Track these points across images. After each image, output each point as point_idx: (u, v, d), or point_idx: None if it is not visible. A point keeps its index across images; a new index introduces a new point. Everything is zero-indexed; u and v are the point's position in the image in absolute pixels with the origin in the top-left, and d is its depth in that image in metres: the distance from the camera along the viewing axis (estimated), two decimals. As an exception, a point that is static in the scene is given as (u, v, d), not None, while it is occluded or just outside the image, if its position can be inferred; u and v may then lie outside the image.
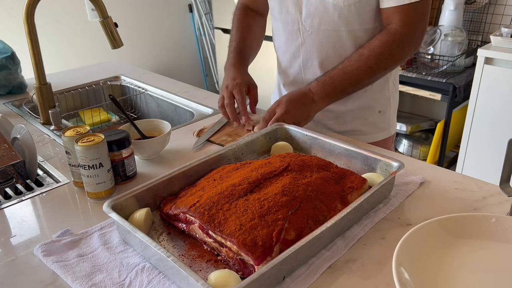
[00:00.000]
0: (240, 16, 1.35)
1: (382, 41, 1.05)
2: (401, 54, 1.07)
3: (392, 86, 1.24)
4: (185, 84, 1.62)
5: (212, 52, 3.73)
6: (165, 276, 0.68)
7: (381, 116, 1.24)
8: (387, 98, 1.24)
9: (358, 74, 1.06)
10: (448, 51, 2.40)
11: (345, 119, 1.23)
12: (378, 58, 1.05)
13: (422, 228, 0.69)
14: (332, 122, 1.24)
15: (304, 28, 1.14)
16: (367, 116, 1.23)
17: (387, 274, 0.67)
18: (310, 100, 1.07)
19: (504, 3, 2.48)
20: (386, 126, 1.27)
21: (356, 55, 1.07)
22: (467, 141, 2.37)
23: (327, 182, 0.79)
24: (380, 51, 1.05)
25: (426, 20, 1.07)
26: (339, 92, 1.09)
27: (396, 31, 1.04)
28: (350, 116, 1.22)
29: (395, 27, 1.04)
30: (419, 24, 1.06)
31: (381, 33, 1.06)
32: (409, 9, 1.02)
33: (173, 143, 1.11)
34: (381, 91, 1.22)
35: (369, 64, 1.06)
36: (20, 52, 1.57)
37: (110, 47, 1.27)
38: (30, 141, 1.00)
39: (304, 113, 1.07)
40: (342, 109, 1.21)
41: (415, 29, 1.05)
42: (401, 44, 1.05)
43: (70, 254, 0.73)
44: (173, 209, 0.77)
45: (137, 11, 3.34)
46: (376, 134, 1.26)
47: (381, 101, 1.23)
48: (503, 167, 0.74)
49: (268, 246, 0.65)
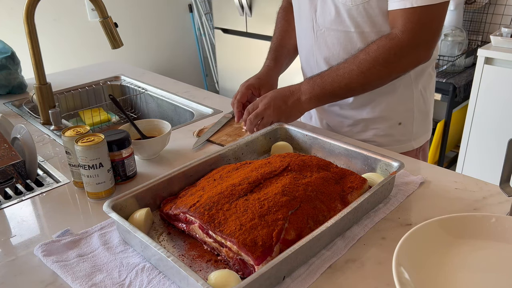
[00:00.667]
0: (282, 14, 1.33)
1: (378, 46, 0.97)
2: (398, 62, 0.98)
3: (418, 97, 1.14)
4: (185, 84, 1.62)
5: (212, 52, 3.73)
6: (165, 276, 0.68)
7: (401, 129, 1.15)
8: (410, 110, 1.14)
9: (349, 77, 1.00)
10: (448, 51, 2.40)
11: (360, 128, 1.17)
12: (371, 63, 0.97)
13: (422, 228, 0.69)
14: (346, 130, 1.19)
15: (317, 26, 1.11)
16: (384, 127, 1.15)
17: (387, 274, 0.67)
18: (296, 99, 1.04)
19: (504, 3, 2.48)
20: (407, 139, 1.17)
21: (352, 57, 1.01)
22: (467, 141, 2.37)
23: (327, 182, 0.79)
24: (375, 56, 0.97)
25: (433, 30, 0.96)
26: (328, 94, 1.03)
27: (395, 36, 0.95)
28: (366, 125, 1.16)
29: (396, 32, 0.96)
30: (422, 33, 0.95)
31: (381, 37, 0.98)
32: (412, 13, 0.93)
33: (173, 143, 1.11)
34: (402, 102, 1.13)
35: (361, 69, 0.98)
36: (20, 52, 1.57)
37: (110, 47, 1.27)
38: (30, 141, 1.00)
39: (286, 112, 1.05)
40: (358, 117, 1.16)
41: (416, 37, 0.95)
42: (398, 51, 0.96)
43: (70, 254, 0.73)
44: (173, 209, 0.77)
45: (137, 11, 3.34)
46: (395, 146, 1.16)
47: (403, 112, 1.14)
48: (503, 167, 0.74)
49: (268, 246, 0.65)
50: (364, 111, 1.15)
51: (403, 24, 0.95)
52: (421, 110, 1.17)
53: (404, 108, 1.14)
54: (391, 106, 1.13)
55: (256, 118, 1.05)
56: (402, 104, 1.14)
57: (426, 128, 1.22)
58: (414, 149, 1.19)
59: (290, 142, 1.03)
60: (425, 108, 1.18)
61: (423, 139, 1.21)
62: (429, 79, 1.16)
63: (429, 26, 0.95)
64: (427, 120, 1.21)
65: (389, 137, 1.17)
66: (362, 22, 1.03)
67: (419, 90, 1.14)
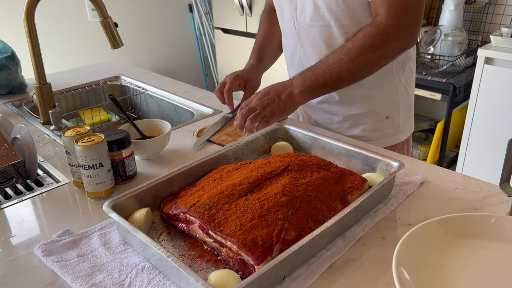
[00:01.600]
0: (265, 17, 1.37)
1: (364, 33, 0.99)
2: (385, 47, 1.00)
3: (402, 91, 1.19)
4: (185, 84, 1.62)
5: (212, 52, 3.73)
6: (165, 276, 0.68)
7: (389, 122, 1.20)
8: (396, 104, 1.19)
9: (339, 67, 1.01)
10: (448, 51, 2.40)
11: (350, 124, 1.20)
12: (359, 51, 0.99)
13: (422, 228, 0.69)
14: (336, 126, 1.22)
15: (299, 25, 1.14)
16: (373, 121, 1.19)
17: (387, 274, 0.67)
18: (289, 93, 1.05)
19: (504, 3, 2.48)
20: (394, 132, 1.21)
21: (340, 47, 1.03)
22: (467, 141, 2.37)
23: (327, 182, 0.79)
24: (362, 43, 0.99)
25: (416, 13, 1.00)
26: (320, 86, 1.04)
27: (380, 23, 0.98)
28: (355, 121, 1.19)
29: (380, 19, 0.99)
30: (406, 16, 0.99)
31: (366, 26, 1.01)
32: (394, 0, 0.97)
33: (173, 143, 1.11)
34: (388, 96, 1.17)
35: (350, 57, 1.00)
36: (20, 52, 1.57)
37: (110, 47, 1.27)
38: (30, 141, 1.00)
39: (280, 106, 1.05)
40: (347, 113, 1.19)
41: (400, 21, 0.98)
42: (385, 36, 0.99)
43: (70, 254, 0.73)
44: (173, 209, 0.77)
45: (137, 11, 3.34)
46: (383, 140, 1.21)
47: (389, 106, 1.18)
48: (503, 167, 0.74)
49: (268, 246, 0.65)
50: (353, 107, 1.18)
51: (385, 10, 0.98)
52: (406, 104, 1.22)
53: (391, 102, 1.19)
54: (378, 101, 1.17)
55: (256, 118, 1.05)
56: (388, 99, 1.18)
57: (410, 121, 1.27)
58: (400, 142, 1.24)
59: (290, 142, 1.03)
60: (409, 102, 1.23)
61: (408, 132, 1.26)
62: (410, 74, 1.21)
63: (412, 9, 0.99)
64: (410, 113, 1.26)
65: (378, 131, 1.20)
66: (342, 15, 1.06)
67: (403, 84, 1.18)
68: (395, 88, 1.17)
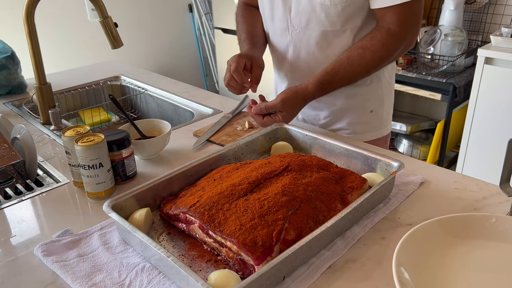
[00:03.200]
0: (243, 12, 1.33)
1: (383, 44, 1.03)
2: (397, 54, 1.08)
3: (386, 86, 1.22)
4: (185, 84, 1.62)
5: (212, 52, 3.73)
6: (165, 276, 0.68)
7: (373, 116, 1.23)
8: (381, 98, 1.22)
9: (354, 77, 1.08)
10: (448, 51, 2.40)
11: (336, 118, 1.22)
12: (377, 62, 1.06)
13: (422, 228, 0.69)
14: (323, 122, 1.24)
15: (292, 27, 1.14)
16: (358, 115, 1.21)
17: (387, 274, 0.67)
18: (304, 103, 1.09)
19: (504, 3, 2.48)
20: (378, 126, 1.25)
21: (358, 58, 1.05)
22: (467, 141, 2.37)
23: (327, 182, 0.79)
24: (381, 55, 1.04)
25: (420, 19, 1.06)
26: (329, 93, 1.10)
27: (395, 32, 1.03)
28: (341, 114, 1.21)
29: (394, 28, 1.03)
30: (414, 23, 1.05)
31: (382, 35, 1.03)
32: (404, 8, 1.01)
33: (173, 143, 1.11)
34: (374, 91, 1.20)
35: (368, 69, 1.07)
36: (20, 52, 1.57)
37: (110, 47, 1.27)
38: (30, 141, 1.00)
39: (293, 115, 1.09)
40: (332, 108, 1.21)
41: (411, 28, 1.04)
42: (399, 45, 1.05)
43: (70, 254, 0.73)
44: (173, 209, 0.77)
45: (137, 11, 3.34)
46: (368, 133, 1.24)
47: (374, 101, 1.21)
48: (503, 167, 0.74)
49: (268, 246, 0.65)
50: (338, 102, 1.20)
51: (397, 19, 1.02)
52: (389, 98, 1.26)
53: (376, 96, 1.22)
54: (365, 96, 1.20)
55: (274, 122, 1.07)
56: (373, 93, 1.21)
57: (390, 117, 1.31)
58: (383, 136, 1.28)
59: (290, 142, 1.03)
60: (392, 96, 1.28)
61: (390, 127, 1.30)
62: (392, 69, 1.25)
63: (418, 14, 1.05)
64: (391, 108, 1.30)
65: (363, 124, 1.23)
66: (339, 21, 1.08)
67: (387, 79, 1.22)
68: (380, 83, 1.21)
